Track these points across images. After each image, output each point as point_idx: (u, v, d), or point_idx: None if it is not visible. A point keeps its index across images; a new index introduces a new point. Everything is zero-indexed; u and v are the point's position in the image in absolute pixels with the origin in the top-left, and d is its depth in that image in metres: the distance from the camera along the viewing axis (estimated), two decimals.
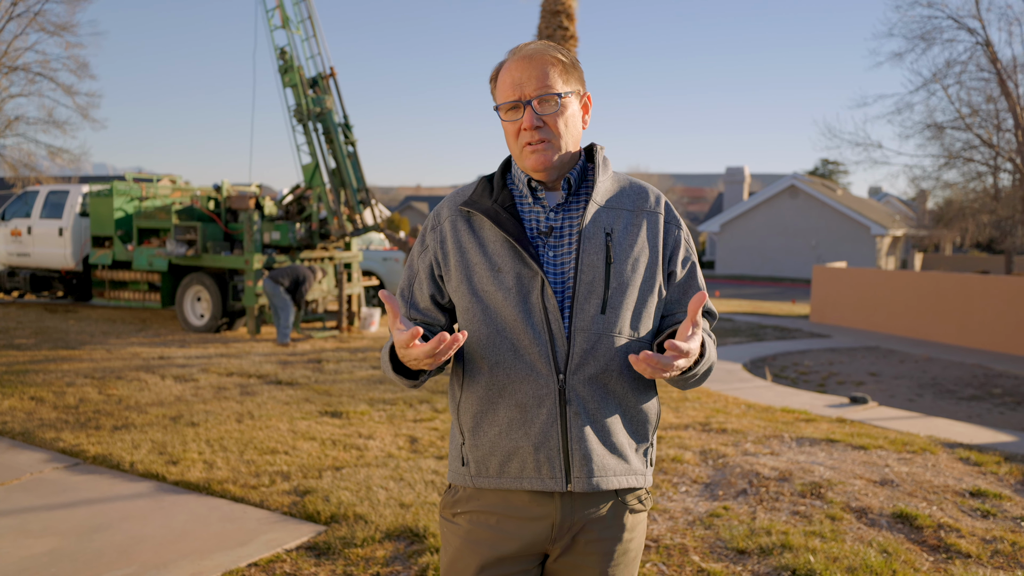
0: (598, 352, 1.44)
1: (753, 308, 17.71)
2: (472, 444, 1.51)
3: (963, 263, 30.43)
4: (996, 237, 21.41)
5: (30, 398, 6.25)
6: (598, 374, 1.45)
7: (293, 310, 9.55)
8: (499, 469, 1.48)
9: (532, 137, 1.47)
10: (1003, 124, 17.98)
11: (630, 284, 1.47)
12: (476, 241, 1.52)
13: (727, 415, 6.02)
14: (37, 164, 20.15)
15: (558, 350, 1.44)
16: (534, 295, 1.45)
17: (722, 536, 3.49)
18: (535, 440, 1.44)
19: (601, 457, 1.45)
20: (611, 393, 1.46)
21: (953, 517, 3.76)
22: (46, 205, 11.99)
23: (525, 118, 1.47)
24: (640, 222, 1.52)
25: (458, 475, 1.54)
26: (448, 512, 1.57)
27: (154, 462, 4.56)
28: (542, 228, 1.51)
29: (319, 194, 10.71)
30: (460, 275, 1.52)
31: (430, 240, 1.59)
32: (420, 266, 1.60)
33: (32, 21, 18.73)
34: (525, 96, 1.47)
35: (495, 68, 1.54)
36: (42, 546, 3.38)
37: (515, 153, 1.53)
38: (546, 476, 1.44)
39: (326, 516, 3.72)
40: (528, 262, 1.46)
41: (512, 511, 1.48)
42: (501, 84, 1.50)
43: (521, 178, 1.55)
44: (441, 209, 1.60)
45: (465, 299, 1.51)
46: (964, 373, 9.32)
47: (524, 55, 1.49)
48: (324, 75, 10.74)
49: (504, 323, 1.47)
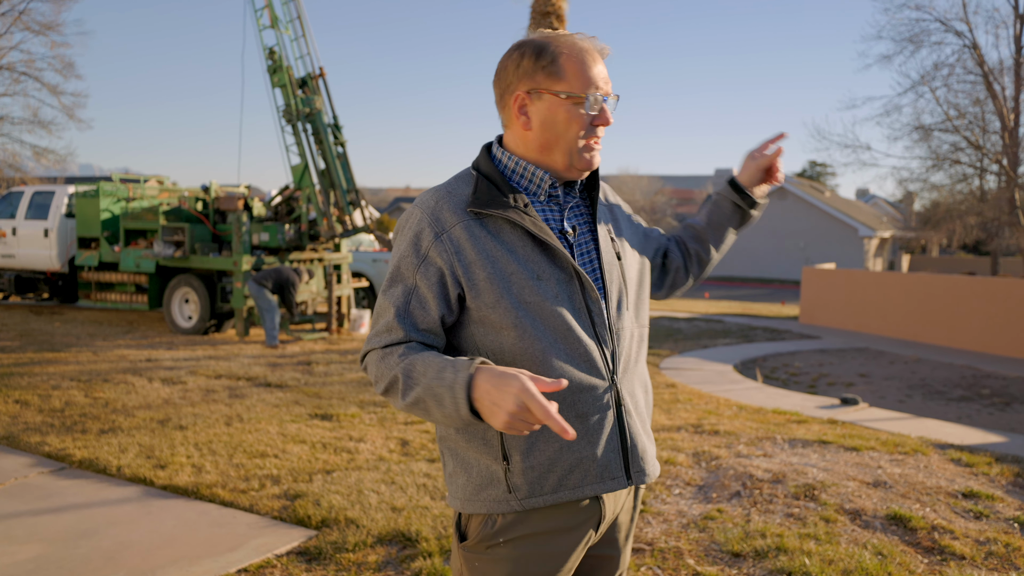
0: (633, 348, 1.48)
1: (743, 309, 17.77)
2: (526, 466, 1.36)
3: (950, 264, 30.70)
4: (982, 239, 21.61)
5: (15, 401, 6.15)
6: (634, 369, 1.49)
7: (279, 312, 9.48)
8: (557, 484, 1.38)
9: (599, 136, 1.42)
10: (989, 126, 18.18)
11: (637, 277, 1.53)
12: (503, 247, 1.37)
13: (719, 416, 6.02)
14: (22, 164, 19.95)
15: (607, 351, 1.42)
16: (577, 299, 1.40)
17: (717, 539, 3.47)
18: (600, 447, 1.40)
19: (646, 447, 1.48)
20: (641, 384, 1.51)
21: (946, 519, 3.77)
22: (31, 206, 11.85)
23: (605, 115, 1.40)
24: (616, 214, 1.58)
25: (499, 503, 1.39)
26: (482, 545, 1.41)
27: (141, 466, 4.50)
28: (563, 227, 1.45)
29: (308, 195, 10.64)
30: (497, 289, 1.35)
31: (435, 252, 1.36)
32: (419, 282, 1.38)
33: (17, 20, 18.54)
34: (608, 91, 1.40)
35: (549, 50, 1.38)
36: (27, 553, 3.32)
37: (569, 147, 1.40)
38: (608, 478, 1.41)
39: (317, 520, 3.67)
40: (566, 264, 1.40)
41: (563, 524, 1.41)
42: (580, 68, 1.37)
43: (532, 173, 1.43)
44: (439, 213, 1.38)
45: (510, 315, 1.35)
46: (953, 374, 9.38)
47: (600, 48, 1.41)
48: (313, 75, 10.68)
49: (556, 334, 1.37)
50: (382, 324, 1.40)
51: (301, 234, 10.70)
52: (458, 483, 1.44)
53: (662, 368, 8.66)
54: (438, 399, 1.26)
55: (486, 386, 1.20)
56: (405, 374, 1.31)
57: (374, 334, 1.41)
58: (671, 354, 9.79)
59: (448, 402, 1.24)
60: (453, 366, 1.26)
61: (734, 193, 1.73)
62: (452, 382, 1.23)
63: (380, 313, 1.42)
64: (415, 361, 1.32)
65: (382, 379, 1.36)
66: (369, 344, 1.41)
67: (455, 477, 1.45)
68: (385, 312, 1.41)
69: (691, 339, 11.36)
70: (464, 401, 1.21)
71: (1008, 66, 17.72)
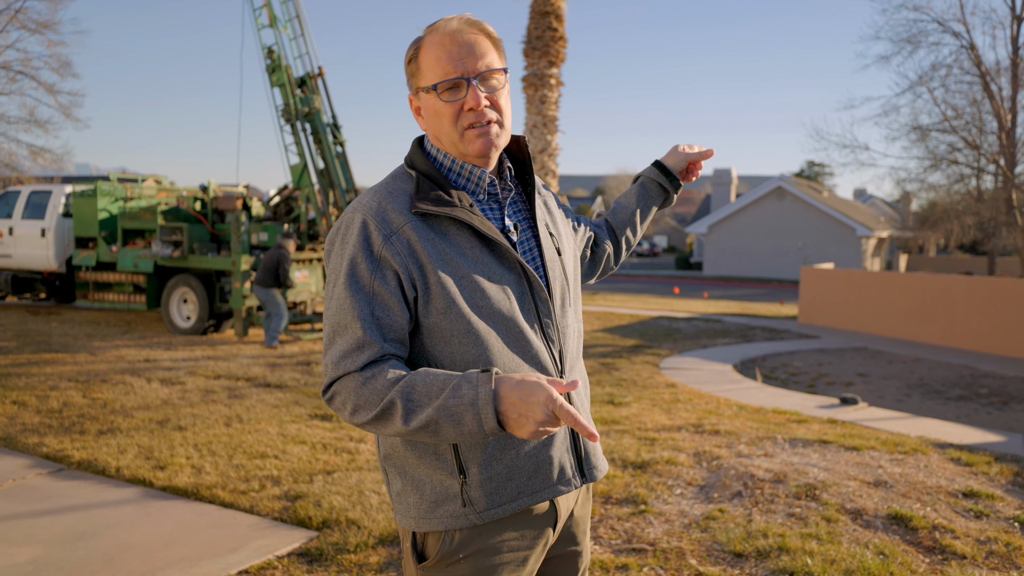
0: (575, 344, 1.48)
1: (741, 309, 17.78)
2: (484, 478, 1.32)
3: (947, 264, 30.77)
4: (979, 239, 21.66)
5: (12, 402, 6.13)
6: (576, 364, 1.48)
7: (287, 315, 9.45)
8: (516, 492, 1.35)
9: (480, 118, 1.33)
10: (986, 127, 18.20)
11: (574, 271, 1.53)
12: (452, 248, 1.31)
13: (719, 416, 6.01)
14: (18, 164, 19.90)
15: (555, 352, 1.40)
16: (527, 300, 1.37)
17: (719, 539, 3.47)
18: (555, 448, 1.39)
19: (595, 443, 1.47)
20: (580, 378, 1.50)
21: (947, 518, 3.77)
22: (28, 205, 11.81)
23: (471, 97, 1.31)
24: (551, 208, 1.55)
25: (457, 519, 1.33)
26: (443, 564, 1.35)
27: (140, 467, 4.48)
28: (505, 225, 1.41)
29: (307, 195, 10.63)
30: (448, 293, 1.29)
31: (387, 253, 1.28)
32: (377, 287, 1.28)
33: (13, 18, 18.49)
34: (468, 72, 1.31)
35: (411, 49, 1.37)
36: (25, 555, 3.30)
37: (450, 139, 1.35)
38: (563, 480, 1.40)
39: (318, 521, 3.66)
40: (515, 265, 1.36)
41: (522, 530, 1.39)
42: (431, 61, 1.33)
43: (470, 171, 1.39)
44: (384, 213, 1.31)
45: (461, 322, 1.29)
46: (951, 373, 9.39)
47: (455, 29, 1.33)
48: (312, 75, 10.66)
49: (509, 337, 1.33)
50: (349, 342, 1.27)
51: (300, 234, 10.68)
52: (409, 502, 1.37)
53: (662, 368, 8.65)
54: (456, 418, 1.18)
55: (512, 398, 1.15)
56: (404, 397, 1.21)
57: (341, 356, 1.27)
58: (670, 354, 9.79)
59: (470, 419, 1.17)
60: (468, 381, 1.18)
61: (662, 175, 1.80)
62: (474, 399, 1.16)
63: (340, 329, 1.28)
64: (413, 382, 1.22)
65: (367, 407, 1.23)
66: (339, 369, 1.26)
67: (404, 496, 1.38)
68: (348, 327, 1.27)
69: (690, 339, 11.37)
70: (492, 416, 1.15)
71: (1005, 67, 17.77)
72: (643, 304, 18.35)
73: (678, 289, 25.28)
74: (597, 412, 6.09)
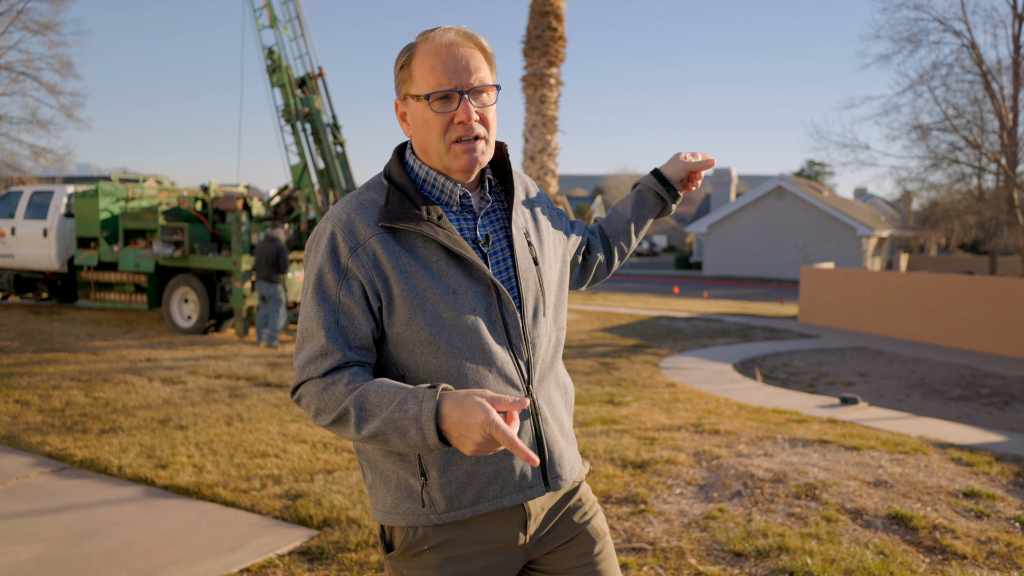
0: (549, 354, 1.47)
1: (741, 309, 17.79)
2: (443, 481, 1.35)
3: (948, 264, 30.75)
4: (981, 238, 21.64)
5: (15, 401, 6.15)
6: (550, 373, 1.47)
7: (287, 314, 9.46)
8: (475, 496, 1.37)
9: (468, 133, 1.33)
10: (988, 126, 18.20)
11: (555, 282, 1.51)
12: (417, 262, 1.33)
13: (719, 416, 6.02)
14: (20, 164, 19.93)
15: (522, 362, 1.40)
16: (493, 311, 1.37)
17: (718, 538, 3.48)
18: (517, 457, 1.38)
19: (564, 451, 1.47)
20: (558, 386, 1.50)
21: (948, 518, 3.77)
22: (30, 206, 11.84)
23: (462, 111, 1.31)
24: (537, 214, 1.53)
25: (417, 517, 1.38)
26: (408, 554, 1.41)
27: (143, 466, 4.49)
28: (478, 236, 1.41)
29: (307, 195, 10.64)
30: (411, 305, 1.32)
31: (353, 265, 1.32)
32: (343, 297, 1.32)
33: (15, 20, 18.52)
34: (462, 85, 1.31)
35: (404, 54, 1.37)
36: (29, 553, 3.32)
37: (436, 150, 1.36)
38: (526, 487, 1.40)
39: (319, 520, 3.67)
40: (482, 276, 1.36)
41: (484, 532, 1.41)
42: (425, 70, 1.32)
43: (443, 184, 1.39)
44: (352, 226, 1.34)
45: (424, 332, 1.32)
46: (952, 373, 9.40)
47: (451, 41, 1.33)
48: (312, 75, 10.68)
49: (472, 348, 1.34)
50: (314, 348, 1.33)
51: (300, 234, 10.69)
52: (379, 495, 1.43)
53: (661, 367, 8.66)
54: (402, 431, 1.22)
55: (453, 417, 1.18)
56: (357, 406, 1.26)
57: (306, 361, 1.34)
58: (670, 353, 9.80)
59: (414, 434, 1.21)
60: (414, 396, 1.22)
61: (659, 184, 1.74)
62: (417, 414, 1.20)
63: (307, 335, 1.35)
64: (367, 392, 1.26)
65: (327, 411, 1.29)
66: (304, 374, 1.34)
67: (375, 489, 1.44)
68: (314, 334, 1.33)
69: (690, 338, 11.37)
70: (434, 432, 1.19)
71: (1006, 65, 17.77)
72: (643, 304, 18.36)
73: (678, 289, 25.29)
74: (597, 412, 6.10)
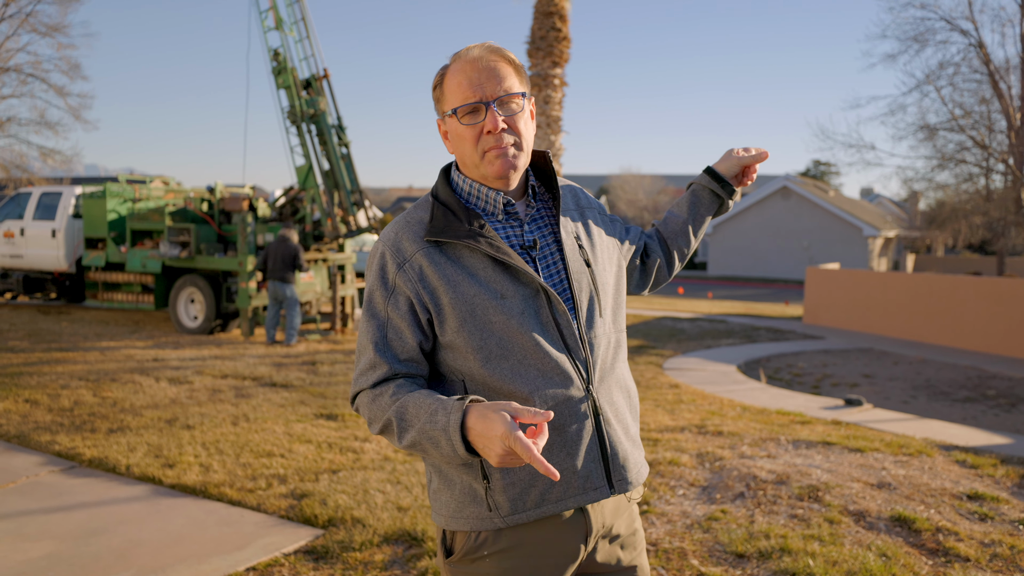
0: (609, 355, 1.48)
1: (746, 309, 17.76)
2: (506, 484, 1.38)
3: (955, 264, 30.60)
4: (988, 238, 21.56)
5: (24, 401, 6.20)
6: (611, 375, 1.48)
7: (300, 311, 9.58)
8: (539, 499, 1.39)
9: (498, 141, 1.39)
10: (995, 125, 18.11)
11: (611, 283, 1.53)
12: (463, 271, 1.39)
13: (723, 417, 6.03)
14: (29, 165, 20.05)
15: (579, 363, 1.42)
16: (543, 313, 1.40)
17: (720, 540, 3.49)
18: (579, 458, 1.40)
19: (628, 453, 1.48)
20: (620, 388, 1.51)
21: (951, 520, 3.78)
22: (39, 207, 11.92)
23: (488, 120, 1.37)
24: (587, 220, 1.57)
25: (482, 521, 1.41)
26: (467, 559, 1.44)
27: (150, 465, 4.54)
28: (525, 242, 1.45)
29: (313, 196, 10.69)
30: (461, 313, 1.38)
31: (400, 281, 1.40)
32: (391, 313, 1.41)
33: (24, 22, 18.64)
34: (487, 96, 1.38)
35: (438, 75, 1.44)
36: (39, 550, 3.36)
37: (472, 161, 1.42)
38: (590, 489, 1.42)
39: (324, 520, 3.70)
40: (530, 281, 1.40)
41: (547, 535, 1.42)
42: (453, 86, 1.40)
43: (486, 195, 1.45)
44: (400, 244, 1.42)
45: (475, 338, 1.37)
46: (958, 375, 9.37)
47: (476, 56, 1.40)
48: (318, 77, 10.72)
49: (524, 351, 1.38)
50: (365, 362, 1.42)
51: (306, 234, 10.74)
52: (442, 500, 1.46)
53: (665, 368, 8.67)
54: (434, 442, 1.28)
55: (477, 429, 1.22)
56: (399, 417, 1.34)
57: (359, 374, 1.43)
58: (674, 354, 9.80)
59: (444, 444, 1.27)
60: (444, 408, 1.27)
61: (714, 182, 1.75)
62: (445, 425, 1.26)
63: (360, 350, 1.44)
64: (407, 403, 1.33)
65: (376, 420, 1.38)
66: (357, 385, 1.43)
67: (439, 494, 1.47)
68: (365, 349, 1.43)
69: (694, 339, 11.37)
70: (461, 444, 1.24)
71: (1014, 64, 17.67)
72: (647, 304, 18.35)
73: (682, 289, 25.26)
74: None
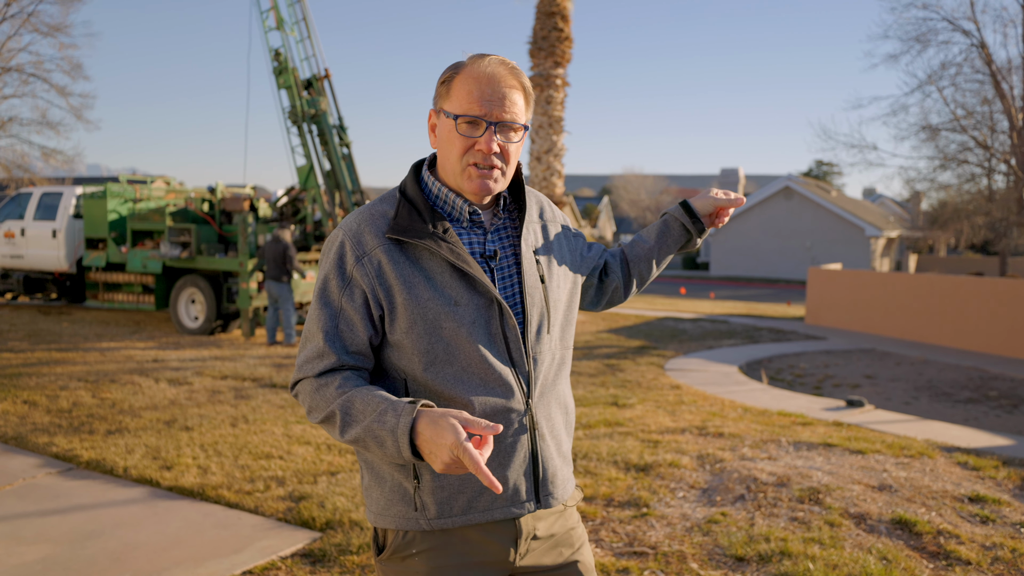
0: (552, 371, 1.48)
1: (748, 310, 17.73)
2: (435, 486, 1.38)
3: (957, 265, 30.54)
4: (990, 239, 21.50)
5: (23, 402, 6.19)
6: (551, 391, 1.48)
7: (295, 310, 9.57)
8: (466, 506, 1.39)
9: (486, 161, 1.38)
10: (997, 126, 18.07)
11: (563, 300, 1.53)
12: (421, 273, 1.38)
13: (724, 419, 6.00)
14: (30, 165, 20.08)
15: (522, 376, 1.42)
16: (494, 324, 1.40)
17: (720, 543, 3.47)
18: (511, 470, 1.41)
19: (558, 469, 1.48)
20: (559, 405, 1.50)
21: (952, 523, 3.75)
22: (39, 207, 11.92)
23: (484, 140, 1.37)
24: (549, 234, 1.55)
25: (409, 521, 1.41)
26: (397, 557, 1.44)
27: (148, 467, 4.52)
28: (486, 252, 1.44)
29: (314, 196, 10.68)
30: (412, 314, 1.36)
31: (357, 274, 1.38)
32: (345, 304, 1.39)
33: (26, 22, 18.67)
34: (493, 117, 1.37)
35: (449, 70, 1.41)
36: (35, 553, 3.34)
37: (452, 168, 1.41)
38: (517, 502, 1.42)
39: (321, 522, 3.68)
40: (485, 291, 1.39)
41: (475, 539, 1.43)
42: (462, 93, 1.38)
43: (454, 201, 1.44)
44: (361, 236, 1.40)
45: (423, 341, 1.37)
46: (960, 376, 9.34)
47: (492, 74, 1.38)
48: (319, 77, 10.71)
49: (469, 359, 1.37)
50: (312, 349, 1.40)
51: (307, 235, 10.73)
52: (372, 496, 1.46)
53: (667, 369, 8.65)
54: (379, 441, 1.28)
55: (425, 435, 1.23)
56: (343, 411, 1.32)
57: (304, 360, 1.40)
58: (676, 355, 9.78)
59: (390, 445, 1.27)
60: (394, 410, 1.27)
61: (686, 215, 1.71)
62: (394, 427, 1.26)
63: (308, 337, 1.42)
64: (353, 398, 1.32)
65: (317, 410, 1.36)
66: (301, 372, 1.41)
67: (370, 490, 1.47)
68: (314, 336, 1.40)
69: (696, 340, 11.34)
70: (408, 447, 1.25)
71: (1016, 65, 17.65)
72: (649, 304, 18.32)
73: (684, 289, 25.23)
74: (601, 414, 6.10)
